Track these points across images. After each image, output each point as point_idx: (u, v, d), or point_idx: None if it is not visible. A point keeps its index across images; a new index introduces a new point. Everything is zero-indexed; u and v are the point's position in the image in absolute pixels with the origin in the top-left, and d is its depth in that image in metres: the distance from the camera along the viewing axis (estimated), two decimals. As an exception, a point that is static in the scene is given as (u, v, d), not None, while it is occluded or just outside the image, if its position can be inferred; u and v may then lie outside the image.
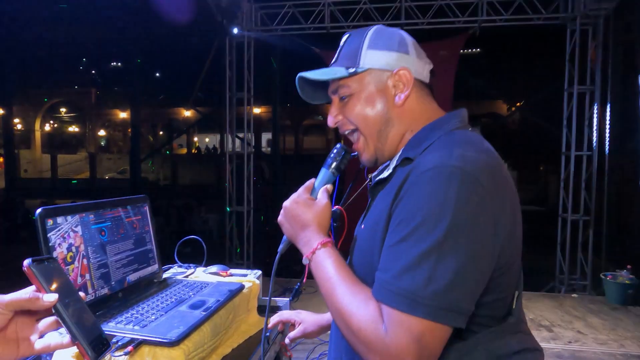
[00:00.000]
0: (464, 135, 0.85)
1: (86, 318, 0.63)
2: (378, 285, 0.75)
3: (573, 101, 5.89)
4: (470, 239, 0.71)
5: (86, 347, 0.60)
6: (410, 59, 0.91)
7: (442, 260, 0.70)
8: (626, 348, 3.96)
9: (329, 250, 0.86)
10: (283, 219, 0.94)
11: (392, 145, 0.92)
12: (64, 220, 1.00)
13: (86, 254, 1.04)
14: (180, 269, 1.53)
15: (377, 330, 0.71)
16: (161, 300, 1.14)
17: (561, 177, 6.05)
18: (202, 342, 1.01)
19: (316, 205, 0.92)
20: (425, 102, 0.93)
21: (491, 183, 0.75)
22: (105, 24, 11.68)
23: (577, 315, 4.83)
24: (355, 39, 0.92)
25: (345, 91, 0.92)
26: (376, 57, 0.90)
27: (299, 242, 0.91)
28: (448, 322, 0.70)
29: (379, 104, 0.90)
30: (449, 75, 6.40)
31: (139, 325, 0.96)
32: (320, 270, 0.84)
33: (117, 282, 1.13)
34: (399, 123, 0.91)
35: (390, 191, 0.84)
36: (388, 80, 0.90)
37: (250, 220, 6.81)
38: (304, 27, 6.34)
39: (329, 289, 0.81)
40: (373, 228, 0.85)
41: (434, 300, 0.69)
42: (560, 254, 6.06)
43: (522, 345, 0.83)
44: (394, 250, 0.74)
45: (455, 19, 6.02)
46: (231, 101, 6.70)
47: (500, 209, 0.76)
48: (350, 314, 0.75)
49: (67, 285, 0.64)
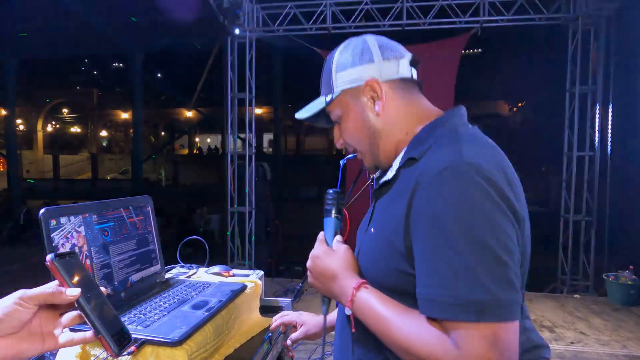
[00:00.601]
0: (469, 131, 0.84)
1: (108, 312, 0.64)
2: (429, 302, 0.72)
3: (575, 101, 5.88)
4: (503, 231, 0.71)
5: (109, 341, 0.61)
6: (374, 65, 0.90)
7: (487, 258, 0.69)
8: (629, 349, 3.95)
9: (366, 290, 0.84)
10: (312, 279, 0.95)
11: (387, 152, 0.92)
12: (67, 221, 1.00)
13: (89, 254, 1.05)
14: (182, 269, 1.53)
15: (446, 349, 0.69)
16: (164, 300, 1.14)
17: (563, 178, 6.05)
18: (205, 342, 1.01)
19: (337, 253, 0.92)
20: (411, 100, 0.92)
21: (504, 178, 0.75)
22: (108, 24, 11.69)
23: (580, 316, 4.82)
24: (328, 64, 0.95)
25: (335, 116, 0.96)
26: (344, 77, 0.92)
27: (335, 295, 0.90)
28: (514, 317, 0.69)
29: (362, 119, 0.92)
30: (451, 76, 6.39)
31: (142, 325, 0.97)
32: (366, 315, 0.82)
33: (120, 282, 1.13)
34: (386, 130, 0.91)
35: (398, 194, 0.83)
36: (362, 95, 0.91)
37: (251, 220, 6.82)
38: (305, 27, 6.34)
39: (383, 329, 0.79)
40: (382, 234, 0.84)
41: (495, 301, 0.68)
42: (563, 255, 6.05)
43: (530, 343, 0.84)
44: (432, 261, 0.72)
45: (457, 19, 6.02)
46: (232, 102, 6.71)
47: (518, 202, 0.76)
48: (414, 344, 0.73)
49: (89, 279, 0.65)
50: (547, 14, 5.86)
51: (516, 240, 0.74)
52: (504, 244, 0.71)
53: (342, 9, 6.25)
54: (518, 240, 0.75)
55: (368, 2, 6.12)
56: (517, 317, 0.70)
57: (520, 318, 0.71)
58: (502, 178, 0.74)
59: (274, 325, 1.30)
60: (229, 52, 6.57)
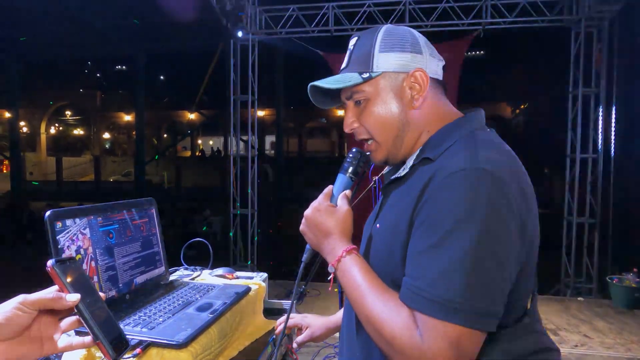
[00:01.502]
0: (486, 136, 0.84)
1: (106, 318, 0.65)
2: (410, 292, 0.74)
3: (578, 103, 5.87)
4: (501, 243, 0.72)
5: (107, 346, 0.62)
6: (423, 58, 0.89)
7: (475, 266, 0.70)
8: (633, 352, 3.93)
9: (355, 257, 0.85)
10: (305, 228, 0.93)
11: (407, 148, 0.90)
12: (73, 223, 1.01)
13: (94, 256, 1.05)
14: (186, 272, 1.53)
15: (412, 337, 0.71)
16: (168, 302, 1.14)
17: (566, 180, 6.03)
18: (210, 344, 1.01)
19: (338, 212, 0.90)
20: (440, 101, 0.92)
21: (516, 185, 0.75)
22: (110, 27, 11.75)
23: (583, 318, 4.80)
24: (366, 42, 0.89)
25: (360, 96, 0.89)
26: (389, 60, 0.87)
27: (322, 251, 0.90)
28: (483, 328, 0.71)
29: (396, 107, 0.88)
30: (453, 78, 6.39)
31: (147, 328, 0.97)
32: (347, 278, 0.83)
33: (125, 285, 1.14)
34: (415, 125, 0.89)
35: (409, 191, 0.83)
36: (403, 83, 0.88)
37: (254, 222, 6.82)
38: (308, 30, 6.36)
39: (358, 297, 0.80)
40: (391, 228, 0.84)
41: (469, 307, 0.69)
42: (566, 257, 6.03)
43: (538, 346, 0.83)
44: (425, 256, 0.74)
45: (460, 22, 6.02)
46: (235, 104, 6.72)
47: (526, 211, 0.76)
48: (383, 321, 0.75)
49: (88, 285, 0.66)
50: (550, 16, 5.85)
51: (514, 253, 0.74)
52: (496, 256, 0.71)
53: (344, 11, 6.27)
54: (519, 252, 0.75)
55: (370, 5, 6.14)
56: (486, 328, 0.71)
57: (492, 329, 0.72)
58: (514, 187, 0.74)
59: (278, 330, 1.28)
60: (231, 55, 6.59)
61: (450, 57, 6.48)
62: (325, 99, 0.99)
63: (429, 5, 6.05)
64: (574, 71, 5.92)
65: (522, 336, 0.81)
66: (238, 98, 6.68)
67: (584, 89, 5.83)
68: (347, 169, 0.96)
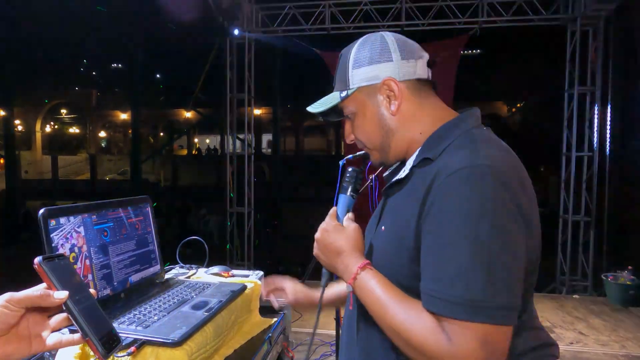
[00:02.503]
0: (483, 134, 0.85)
1: (97, 314, 0.64)
2: (430, 296, 0.74)
3: (574, 102, 5.89)
4: (512, 236, 0.73)
5: (97, 344, 0.61)
6: (393, 65, 0.90)
7: (491, 261, 0.70)
8: (628, 349, 3.95)
9: (370, 272, 0.85)
10: (318, 251, 0.95)
11: (397, 151, 0.94)
12: (67, 221, 1.00)
13: (89, 254, 1.04)
14: (182, 270, 1.53)
15: (439, 341, 0.71)
16: (164, 300, 1.14)
17: (562, 178, 6.05)
18: (205, 342, 1.01)
19: (346, 230, 0.92)
20: (426, 100, 0.92)
21: (517, 180, 0.77)
22: (106, 25, 11.70)
23: (579, 316, 4.82)
24: (344, 60, 0.95)
25: (347, 112, 0.96)
26: (361, 75, 0.91)
27: (337, 270, 0.91)
28: (507, 322, 0.71)
29: (377, 117, 0.92)
30: (450, 76, 6.40)
31: (142, 326, 0.96)
32: (365, 294, 0.84)
33: (120, 283, 1.13)
34: (400, 130, 0.92)
35: (411, 193, 0.83)
36: (378, 94, 0.91)
37: (251, 221, 6.81)
38: (304, 28, 6.35)
39: (380, 311, 0.81)
40: (397, 230, 0.85)
41: (492, 303, 0.70)
42: (562, 255, 6.05)
43: (538, 342, 0.85)
44: (439, 258, 0.74)
45: (456, 20, 6.03)
46: (232, 102, 6.70)
47: (529, 204, 0.77)
48: (408, 330, 0.75)
49: (78, 282, 0.65)
50: (546, 15, 5.87)
51: (524, 246, 0.75)
52: (510, 248, 0.72)
53: (341, 9, 6.26)
54: (527, 244, 0.76)
55: (367, 3, 6.13)
56: (511, 322, 0.72)
57: (515, 323, 0.72)
58: (516, 182, 0.76)
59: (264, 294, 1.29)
60: (228, 53, 6.57)
61: (447, 55, 6.49)
62: (330, 114, 1.02)
63: (425, 3, 6.05)
64: (569, 70, 5.93)
65: (521, 333, 0.82)
66: (235, 96, 6.67)
67: (580, 87, 5.85)
68: (347, 188, 1.00)
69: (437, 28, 6.17)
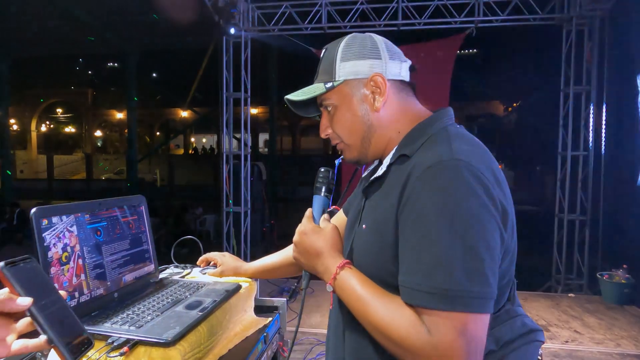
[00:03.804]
0: (457, 131, 0.88)
1: (65, 318, 0.62)
2: (408, 289, 0.76)
3: (569, 101, 5.91)
4: (487, 227, 0.74)
5: (63, 350, 0.59)
6: (382, 62, 0.92)
7: (465, 251, 0.72)
8: (622, 347, 3.97)
9: (349, 271, 0.87)
10: (297, 254, 0.96)
11: (376, 148, 0.94)
12: (59, 220, 0.99)
13: (81, 254, 1.04)
14: (176, 269, 1.52)
15: (420, 334, 0.73)
16: (157, 300, 1.13)
17: (557, 177, 6.08)
18: (199, 342, 1.00)
19: (324, 231, 0.93)
20: (406, 101, 0.95)
21: (490, 173, 0.78)
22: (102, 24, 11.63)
23: (574, 314, 4.85)
24: (330, 53, 0.95)
25: (328, 103, 0.95)
26: (349, 68, 0.92)
27: (318, 272, 0.92)
28: (484, 310, 0.72)
29: (359, 111, 0.93)
30: (446, 76, 6.41)
31: (135, 326, 0.96)
32: (346, 293, 0.85)
33: (113, 283, 1.12)
34: (381, 127, 0.93)
35: (389, 189, 0.85)
36: (364, 88, 0.92)
37: (247, 220, 6.80)
38: (301, 27, 6.34)
39: (361, 309, 0.82)
40: (377, 228, 0.86)
41: (468, 292, 0.71)
42: (557, 254, 6.08)
43: (523, 329, 0.87)
44: (415, 251, 0.75)
45: (452, 20, 6.03)
46: (228, 101, 6.68)
47: (503, 196, 0.79)
48: (389, 326, 0.76)
49: (45, 285, 0.63)
50: (542, 15, 5.89)
51: (498, 237, 0.77)
52: (484, 239, 0.74)
53: (337, 8, 6.25)
54: (502, 236, 0.78)
55: (363, 2, 6.12)
56: (487, 310, 0.73)
57: (492, 311, 0.74)
58: (490, 175, 0.78)
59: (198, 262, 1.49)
60: (224, 52, 6.55)
61: (443, 55, 6.51)
62: (307, 109, 1.03)
63: (421, 3, 6.05)
64: (565, 69, 5.96)
65: (507, 321, 0.84)
66: (231, 95, 6.65)
67: (575, 87, 5.87)
68: (320, 189, 1.00)
69: (433, 27, 6.17)
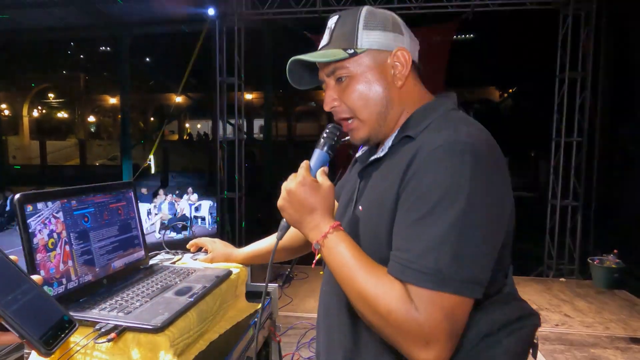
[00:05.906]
0: (460, 115, 0.87)
1: (40, 308, 0.58)
2: (400, 265, 0.74)
3: (564, 87, 5.90)
4: (486, 213, 0.74)
5: (36, 344, 0.55)
6: (405, 39, 0.91)
7: (463, 235, 0.71)
8: (611, 330, 4.05)
9: (342, 234, 0.84)
10: (286, 203, 0.88)
11: (390, 125, 0.91)
12: (45, 206, 0.98)
13: (68, 240, 1.03)
14: (167, 255, 1.52)
15: (408, 310, 0.71)
16: (147, 286, 1.12)
17: (551, 163, 6.09)
18: (188, 328, 1.00)
19: (322, 188, 0.87)
20: (418, 83, 0.94)
21: (495, 158, 0.78)
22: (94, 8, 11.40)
23: (565, 298, 4.92)
24: (348, 20, 0.90)
25: (343, 72, 0.89)
26: (373, 38, 0.88)
27: (305, 227, 0.87)
28: (473, 295, 0.72)
29: (379, 85, 0.89)
30: (442, 61, 6.37)
31: (123, 312, 0.95)
32: (334, 255, 0.81)
33: (102, 269, 1.12)
34: (398, 104, 0.90)
35: (392, 169, 0.84)
36: (387, 61, 0.89)
37: (242, 206, 6.80)
38: (295, 10, 6.24)
39: (347, 274, 0.79)
40: (376, 208, 0.84)
41: (460, 275, 0.71)
42: (549, 239, 6.13)
43: (519, 312, 0.86)
44: (413, 229, 0.75)
45: (448, 4, 5.96)
46: (222, 86, 6.61)
47: (505, 183, 0.79)
48: (376, 296, 0.74)
49: (11, 277, 0.57)
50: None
51: (501, 222, 0.77)
52: (486, 225, 0.74)
53: (332, -8, 6.16)
54: (501, 220, 0.78)
55: (359, -15, 6.04)
56: (477, 296, 0.73)
57: (480, 296, 0.74)
58: (493, 159, 0.78)
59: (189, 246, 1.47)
60: (217, 36, 6.46)
61: (439, 40, 6.45)
62: (303, 78, 0.97)
63: (417, -14, 5.96)
64: (561, 55, 5.92)
65: (504, 305, 0.84)
66: (225, 80, 6.57)
67: (571, 72, 5.85)
68: (323, 144, 0.94)
69: (429, 11, 6.09)
